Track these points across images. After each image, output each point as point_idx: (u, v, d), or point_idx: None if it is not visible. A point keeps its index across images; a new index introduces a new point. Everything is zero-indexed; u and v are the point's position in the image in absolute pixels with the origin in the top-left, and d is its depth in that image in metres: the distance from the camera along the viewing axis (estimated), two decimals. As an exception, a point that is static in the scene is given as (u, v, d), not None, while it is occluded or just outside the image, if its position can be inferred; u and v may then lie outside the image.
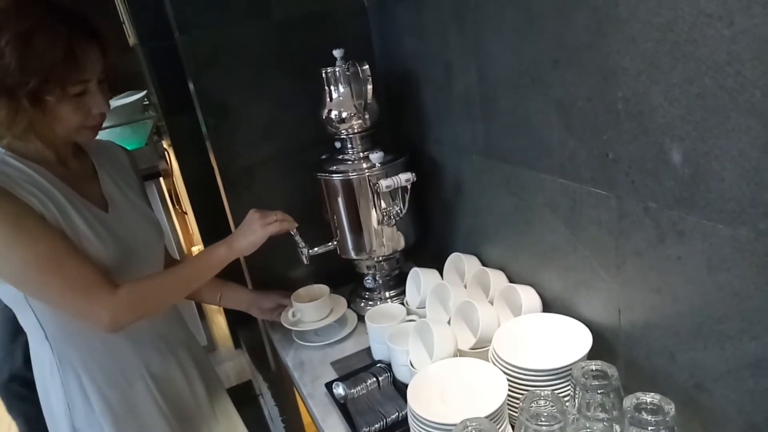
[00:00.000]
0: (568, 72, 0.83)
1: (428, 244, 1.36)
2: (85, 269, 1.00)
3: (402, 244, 1.30)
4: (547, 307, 1.05)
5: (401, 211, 1.21)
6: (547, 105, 0.89)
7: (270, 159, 1.38)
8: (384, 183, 1.14)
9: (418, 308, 1.20)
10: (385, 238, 1.27)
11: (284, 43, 1.34)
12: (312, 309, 1.29)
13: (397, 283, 1.37)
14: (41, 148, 1.05)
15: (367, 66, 1.13)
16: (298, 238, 1.23)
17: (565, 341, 0.93)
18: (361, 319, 1.34)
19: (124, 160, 1.26)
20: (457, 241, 1.32)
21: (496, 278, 1.13)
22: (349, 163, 1.26)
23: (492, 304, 1.10)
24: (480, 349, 1.01)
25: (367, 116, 1.20)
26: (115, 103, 2.80)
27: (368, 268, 1.35)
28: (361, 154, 1.26)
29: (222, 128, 1.32)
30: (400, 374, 1.09)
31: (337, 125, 1.23)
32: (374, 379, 1.09)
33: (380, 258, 1.31)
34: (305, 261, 1.27)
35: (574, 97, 0.83)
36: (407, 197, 1.18)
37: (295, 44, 1.35)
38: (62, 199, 1.03)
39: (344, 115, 1.21)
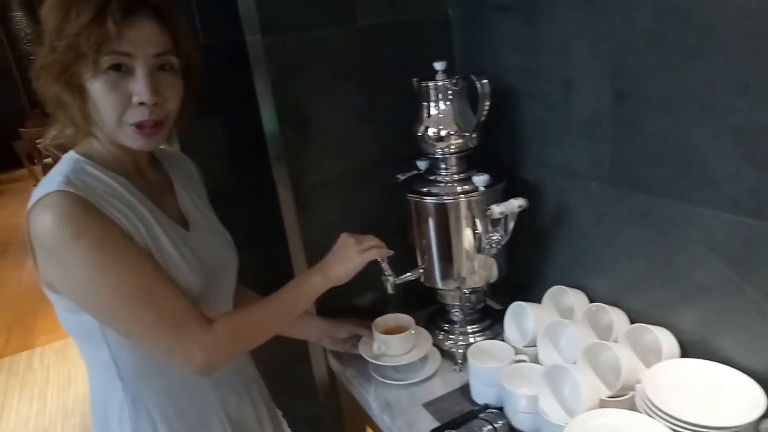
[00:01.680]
0: (762, 98, 0.74)
1: (515, 275, 1.26)
2: (178, 301, 0.87)
3: (495, 274, 1.19)
4: (684, 351, 0.96)
5: (502, 239, 1.11)
6: (720, 133, 0.81)
7: (345, 175, 1.26)
8: (497, 209, 1.04)
9: (525, 347, 1.10)
10: (477, 267, 1.17)
11: (366, 52, 1.23)
12: (398, 342, 1.17)
13: (481, 317, 1.27)
14: (119, 153, 0.92)
15: (486, 81, 1.02)
16: (385, 265, 1.12)
17: (728, 394, 0.84)
18: (444, 354, 1.23)
19: (193, 171, 1.13)
20: (552, 272, 1.22)
21: (618, 317, 1.04)
22: (442, 185, 1.15)
23: (615, 344, 1.01)
24: (619, 397, 0.91)
25: (474, 136, 1.10)
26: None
27: (453, 299, 1.24)
28: (456, 176, 1.15)
29: (299, 140, 1.20)
30: (519, 422, 0.98)
31: (434, 143, 1.12)
32: (490, 427, 0.98)
33: (469, 289, 1.20)
34: (390, 290, 1.15)
35: (764, 126, 0.75)
36: (512, 224, 1.08)
37: (377, 53, 1.24)
38: (148, 216, 0.90)
39: (443, 133, 1.11)
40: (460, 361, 1.20)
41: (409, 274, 1.19)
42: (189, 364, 0.87)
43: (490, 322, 1.26)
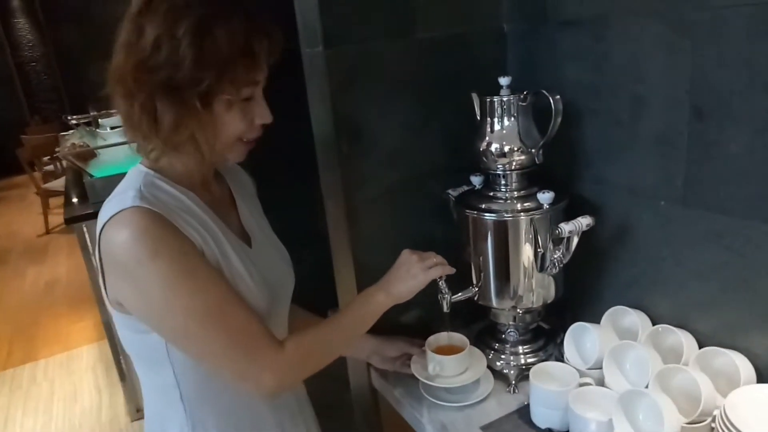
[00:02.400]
0: None
1: (568, 295, 1.23)
2: (251, 321, 0.83)
3: (552, 294, 1.17)
4: (760, 377, 0.94)
5: (564, 258, 1.08)
6: (815, 154, 0.79)
7: (396, 189, 1.24)
8: (566, 227, 1.01)
9: (589, 369, 1.07)
10: (535, 286, 1.14)
11: (421, 64, 1.21)
12: (454, 363, 1.14)
13: (534, 338, 1.24)
14: (190, 167, 0.89)
15: (559, 97, 1.01)
16: (443, 283, 1.09)
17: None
18: (495, 374, 1.19)
19: (249, 183, 1.10)
20: (608, 292, 1.19)
21: (686, 340, 1.01)
22: (501, 201, 1.12)
23: (686, 369, 0.98)
24: (696, 424, 0.89)
25: (540, 153, 1.08)
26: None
27: (506, 318, 1.21)
28: (515, 192, 1.13)
29: (353, 152, 1.17)
30: (589, 448, 0.95)
31: (496, 159, 1.10)
32: (560, 453, 0.95)
33: (524, 309, 1.17)
34: (445, 308, 1.12)
35: None
36: (575, 243, 1.06)
37: (431, 66, 1.22)
38: (217, 231, 0.87)
39: (507, 149, 1.09)
40: (513, 382, 1.17)
41: (465, 292, 1.17)
42: (259, 387, 0.84)
43: (543, 342, 1.23)
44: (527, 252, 1.11)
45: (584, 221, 1.03)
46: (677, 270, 1.04)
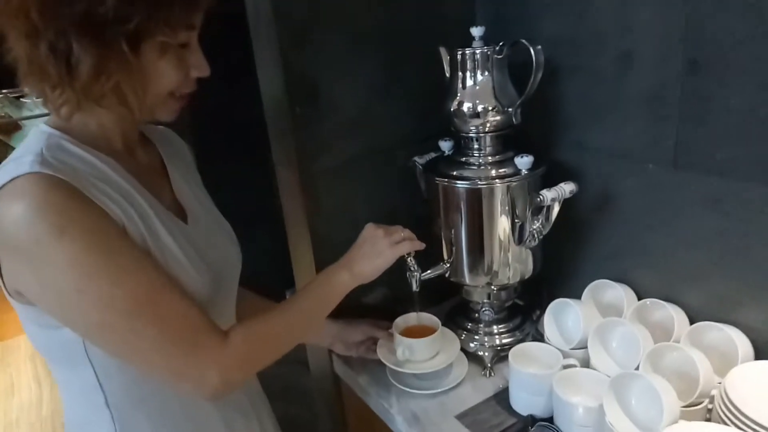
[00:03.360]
0: None
1: (546, 269, 1.14)
2: (187, 310, 0.70)
3: (530, 269, 1.07)
4: (757, 353, 0.87)
5: (543, 229, 0.99)
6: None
7: (359, 157, 1.11)
8: (548, 195, 0.91)
9: (572, 349, 0.98)
10: (512, 260, 1.04)
11: (384, 15, 1.08)
12: (425, 346, 1.03)
13: (509, 316, 1.14)
14: (109, 128, 0.74)
15: (541, 47, 0.89)
16: (412, 260, 0.98)
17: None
18: (469, 357, 1.10)
19: (186, 151, 0.96)
20: (589, 265, 1.11)
21: (677, 314, 0.93)
22: (475, 167, 1.01)
23: (676, 346, 0.91)
24: (694, 407, 0.81)
25: (518, 112, 0.97)
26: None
27: (480, 296, 1.11)
28: (490, 157, 1.02)
29: (308, 117, 1.04)
30: (577, 437, 0.87)
31: (468, 120, 0.98)
32: (545, 444, 0.86)
33: (499, 285, 1.08)
34: (415, 287, 1.01)
35: None
36: (556, 212, 0.96)
37: (396, 18, 1.09)
38: (144, 204, 0.73)
39: (480, 108, 0.97)
40: (489, 365, 1.08)
41: (435, 268, 1.06)
42: (201, 387, 0.71)
43: (520, 321, 1.14)
44: (503, 223, 1.00)
45: (567, 187, 0.93)
46: (666, 239, 0.96)
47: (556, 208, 0.96)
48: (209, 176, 1.12)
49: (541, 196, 0.91)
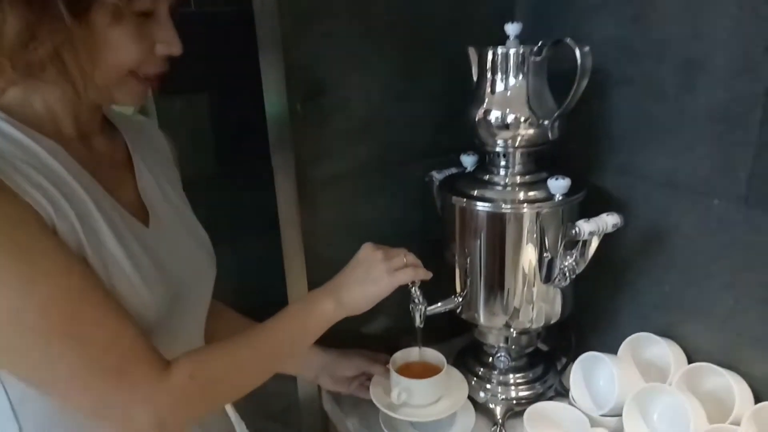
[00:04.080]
0: None
1: (577, 311, 0.97)
2: (121, 333, 0.57)
3: (557, 312, 0.90)
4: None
5: (577, 267, 0.82)
6: None
7: (366, 166, 0.97)
8: (586, 227, 0.75)
9: (603, 416, 0.81)
10: (536, 300, 0.88)
11: (406, 4, 0.93)
12: (425, 389, 0.87)
13: (528, 364, 0.98)
14: (56, 108, 0.62)
15: (589, 49, 0.74)
16: (416, 290, 0.83)
17: None
18: (479, 409, 0.93)
19: (166, 148, 0.83)
20: (631, 314, 0.94)
21: (739, 387, 0.75)
22: (500, 188, 0.86)
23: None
24: None
25: (555, 126, 0.81)
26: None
27: (496, 339, 0.95)
28: (518, 177, 0.86)
29: (311, 118, 0.90)
30: None
31: (495, 132, 0.83)
32: None
33: (520, 329, 0.91)
34: (418, 322, 0.86)
35: None
36: (593, 248, 0.80)
37: (419, 8, 0.94)
38: (86, 199, 0.60)
39: (511, 119, 0.81)
40: (500, 420, 0.91)
41: (445, 302, 0.90)
42: (126, 428, 0.57)
43: (541, 371, 0.97)
44: (529, 255, 0.84)
45: (610, 220, 0.77)
46: (729, 292, 0.78)
47: (595, 244, 0.79)
48: (219, 184, 1.00)
49: (577, 228, 0.75)
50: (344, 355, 0.96)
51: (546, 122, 0.81)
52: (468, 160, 0.94)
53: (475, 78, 0.86)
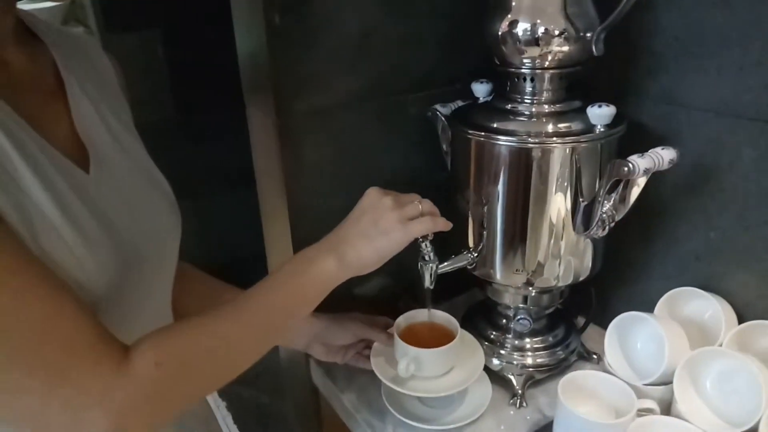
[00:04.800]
0: None
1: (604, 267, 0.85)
2: (59, 315, 0.42)
3: (587, 268, 0.77)
4: None
5: (617, 213, 0.69)
6: None
7: (358, 98, 0.80)
8: (641, 162, 0.61)
9: (647, 385, 0.69)
10: (565, 254, 0.75)
11: None
12: (437, 359, 0.74)
13: (548, 326, 0.86)
14: None
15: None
16: (428, 245, 0.69)
17: None
18: (494, 378, 0.81)
19: (108, 69, 0.65)
20: (665, 265, 0.82)
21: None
22: (524, 119, 0.71)
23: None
24: None
25: (602, 39, 0.66)
26: (27, 6, 2.00)
27: (513, 299, 0.82)
28: (546, 107, 0.71)
29: (292, 36, 0.72)
30: None
31: (523, 48, 0.68)
32: None
33: (541, 288, 0.78)
34: (428, 283, 0.73)
35: None
36: (637, 192, 0.67)
37: None
38: (2, 139, 0.43)
39: (542, 31, 0.66)
40: (520, 391, 0.80)
41: (456, 258, 0.77)
42: None
43: (563, 333, 0.86)
44: (560, 201, 0.71)
45: (666, 155, 0.63)
46: (796, 238, 0.67)
47: (641, 184, 0.66)
48: (192, 134, 0.83)
49: (630, 164, 0.61)
50: (338, 320, 0.81)
51: (589, 35, 0.65)
52: (481, 89, 0.79)
53: (493, -15, 0.71)
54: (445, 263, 0.75)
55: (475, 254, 0.77)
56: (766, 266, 0.70)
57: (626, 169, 0.61)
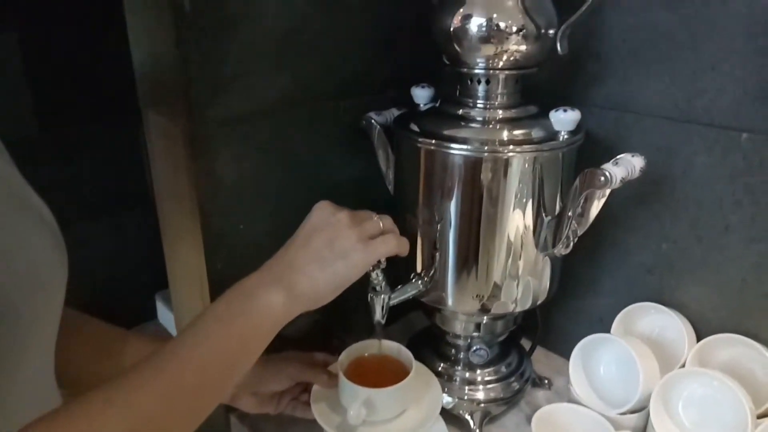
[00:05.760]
0: None
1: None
2: None
3: (545, 289, 0.71)
4: None
5: (578, 228, 0.63)
6: None
7: (286, 102, 0.68)
8: (617, 173, 0.56)
9: (620, 414, 0.63)
10: (523, 275, 0.68)
11: None
12: (392, 399, 0.63)
13: (499, 356, 0.78)
14: None
15: None
16: (379, 273, 0.59)
17: None
18: (447, 418, 0.72)
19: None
20: (614, 279, 0.78)
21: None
22: (478, 125, 0.64)
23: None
24: None
25: (566, 36, 0.60)
26: None
27: (465, 327, 0.73)
28: (501, 112, 0.65)
29: (205, 28, 0.59)
30: None
31: (479, 45, 0.60)
32: None
33: (497, 314, 0.71)
34: (380, 315, 0.63)
35: None
36: (600, 204, 0.61)
37: None
38: None
39: (502, 26, 0.59)
40: (476, 429, 0.71)
41: (405, 287, 0.67)
42: None
43: (516, 362, 0.79)
44: (522, 216, 0.64)
45: (637, 162, 0.59)
46: (754, 246, 0.65)
47: (600, 199, 0.61)
48: (72, 152, 0.66)
49: (607, 173, 0.55)
50: (268, 363, 0.68)
51: (551, 32, 0.60)
52: (422, 94, 0.71)
53: (436, -22, 0.63)
54: (396, 291, 0.65)
55: (427, 279, 0.68)
56: (720, 278, 0.68)
57: (603, 179, 0.55)
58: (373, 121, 0.72)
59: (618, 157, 0.59)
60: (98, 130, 0.99)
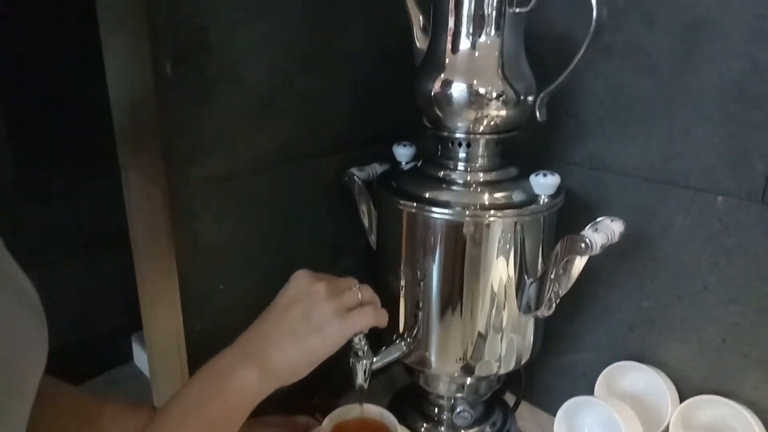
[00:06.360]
0: None
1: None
2: None
3: (529, 349, 0.71)
4: None
5: (560, 290, 0.64)
6: None
7: (268, 161, 0.68)
8: (598, 239, 0.56)
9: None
10: (507, 336, 0.67)
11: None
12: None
13: (483, 416, 0.77)
14: None
15: (603, -6, 0.55)
16: (361, 338, 0.58)
17: None
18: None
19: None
20: (593, 338, 0.78)
21: (755, 421, 0.62)
22: (459, 188, 0.64)
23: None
24: None
25: (545, 104, 0.61)
26: None
27: (448, 388, 0.72)
28: (482, 174, 0.65)
29: (187, 88, 0.59)
30: None
31: (461, 111, 0.61)
32: None
33: (482, 375, 0.70)
34: (362, 379, 0.62)
35: None
36: (581, 265, 0.62)
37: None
38: None
39: (482, 91, 0.60)
40: (461, 497, 0.70)
41: (388, 350, 0.66)
42: None
43: (500, 422, 0.78)
44: (505, 278, 0.64)
45: (616, 227, 0.59)
46: (733, 307, 0.65)
47: (582, 261, 0.61)
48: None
49: (588, 240, 0.56)
50: (251, 428, 0.66)
51: (530, 98, 0.61)
52: (403, 153, 0.71)
53: (416, 39, 0.64)
54: (377, 357, 0.64)
55: (410, 340, 0.67)
56: (701, 336, 0.69)
57: (583, 245, 0.55)
58: (355, 177, 0.72)
59: (597, 221, 0.60)
60: (76, 170, 0.98)
